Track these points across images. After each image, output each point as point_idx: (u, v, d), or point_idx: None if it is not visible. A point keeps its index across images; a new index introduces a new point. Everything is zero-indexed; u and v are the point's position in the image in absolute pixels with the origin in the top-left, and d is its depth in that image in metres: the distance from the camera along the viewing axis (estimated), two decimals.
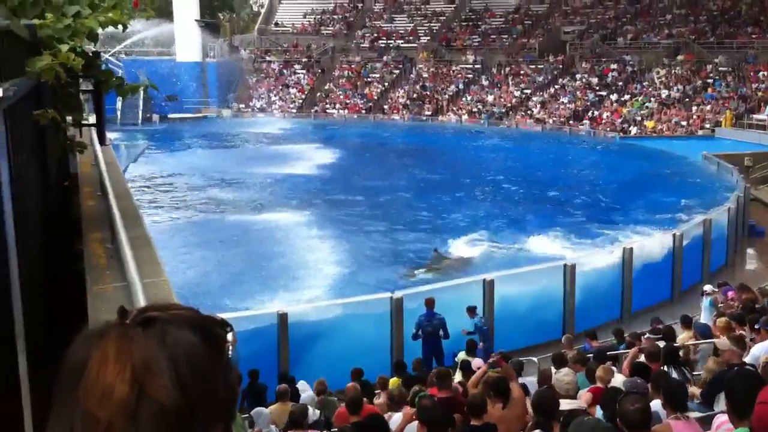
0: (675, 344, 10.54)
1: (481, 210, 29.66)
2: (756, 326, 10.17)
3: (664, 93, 53.64)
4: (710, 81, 53.06)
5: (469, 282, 16.47)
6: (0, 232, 1.95)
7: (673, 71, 55.53)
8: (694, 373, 9.61)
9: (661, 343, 10.87)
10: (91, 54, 6.09)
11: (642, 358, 9.66)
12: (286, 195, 32.99)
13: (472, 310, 14.52)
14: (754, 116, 47.03)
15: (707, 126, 48.83)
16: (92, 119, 7.52)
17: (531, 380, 10.74)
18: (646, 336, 12.49)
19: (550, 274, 17.36)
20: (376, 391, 11.01)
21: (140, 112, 58.84)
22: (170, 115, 61.65)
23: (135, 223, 4.97)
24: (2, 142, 1.83)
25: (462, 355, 12.65)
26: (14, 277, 2.20)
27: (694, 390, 8.09)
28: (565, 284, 16.73)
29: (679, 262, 19.55)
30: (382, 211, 29.33)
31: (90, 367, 1.02)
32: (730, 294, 14.47)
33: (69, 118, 6.33)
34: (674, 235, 19.74)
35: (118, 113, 50.93)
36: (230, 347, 1.18)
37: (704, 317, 14.11)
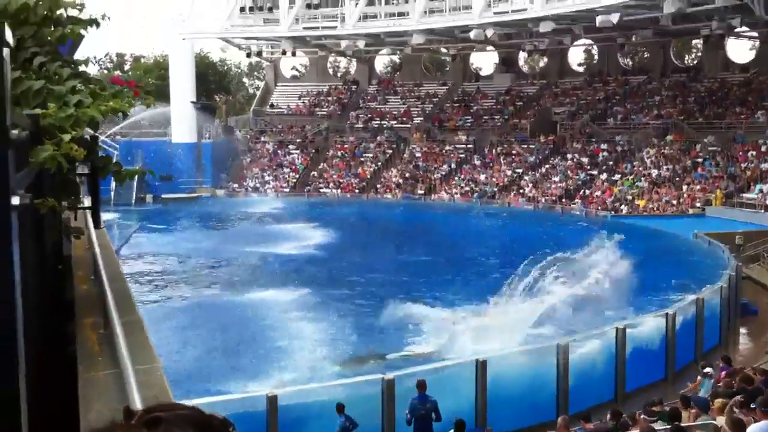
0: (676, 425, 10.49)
1: (471, 292, 29.52)
2: (752, 406, 10.14)
3: (655, 172, 54.21)
4: (699, 160, 53.70)
5: (460, 363, 16.36)
6: (10, 321, 2.02)
7: (662, 151, 56.23)
8: None
9: (656, 425, 10.82)
10: (89, 139, 6.20)
11: None
12: (275, 275, 32.85)
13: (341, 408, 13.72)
14: (744, 195, 47.48)
15: (698, 205, 49.18)
16: (87, 201, 7.58)
17: None
18: (642, 416, 12.43)
19: (543, 355, 17.28)
20: None
21: (134, 193, 59.07)
22: (164, 195, 61.90)
23: (128, 308, 5.02)
24: (15, 246, 1.90)
25: None
26: (21, 366, 2.26)
27: None
28: (558, 365, 16.64)
29: (672, 342, 19.53)
30: (371, 292, 29.13)
31: None
32: (723, 374, 14.43)
33: (65, 202, 6.40)
34: (667, 315, 19.76)
35: (112, 193, 51.16)
36: None
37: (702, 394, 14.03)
